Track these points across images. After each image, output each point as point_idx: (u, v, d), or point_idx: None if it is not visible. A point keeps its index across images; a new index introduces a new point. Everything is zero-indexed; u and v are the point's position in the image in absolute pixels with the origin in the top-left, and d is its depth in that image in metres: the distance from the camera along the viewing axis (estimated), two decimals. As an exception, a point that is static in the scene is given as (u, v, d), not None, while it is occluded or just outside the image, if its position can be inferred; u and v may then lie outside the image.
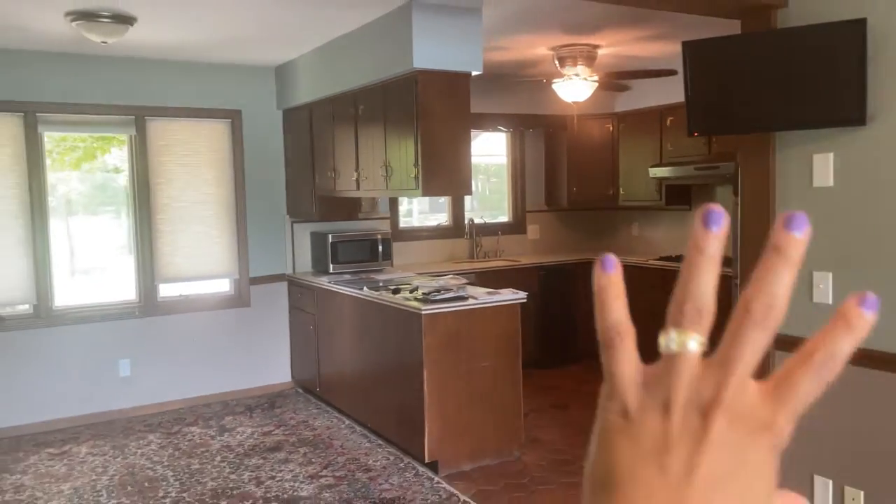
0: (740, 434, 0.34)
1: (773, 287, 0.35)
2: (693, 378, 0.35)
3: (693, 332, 0.36)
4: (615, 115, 6.76)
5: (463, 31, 4.00)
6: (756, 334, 0.34)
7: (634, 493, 0.33)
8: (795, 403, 0.34)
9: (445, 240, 6.57)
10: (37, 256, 5.00)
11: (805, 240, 0.35)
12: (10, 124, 4.89)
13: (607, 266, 0.41)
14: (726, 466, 0.33)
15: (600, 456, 0.36)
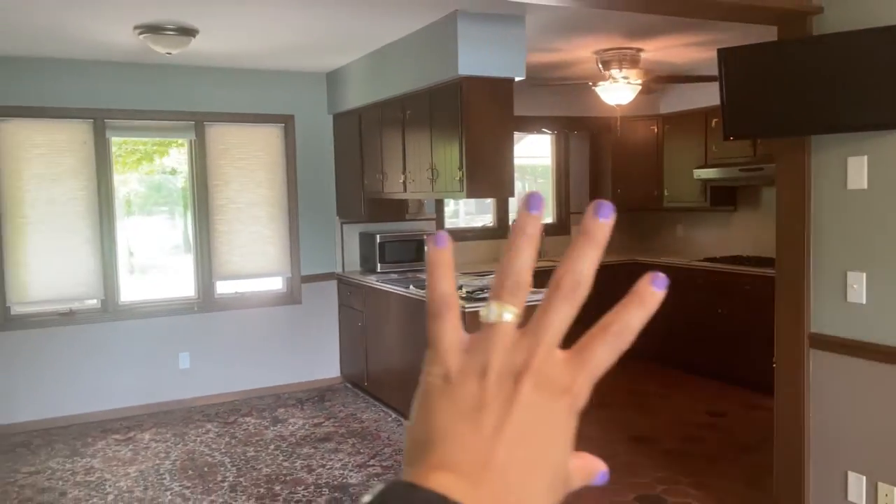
0: (544, 396, 0.38)
1: (580, 265, 0.40)
2: (508, 346, 0.38)
3: (510, 304, 0.40)
4: (660, 116, 6.79)
5: (507, 38, 4.13)
6: (564, 307, 0.39)
7: (450, 447, 0.36)
8: (592, 369, 0.39)
9: (490, 241, 6.71)
10: (104, 255, 5.32)
11: (610, 224, 0.39)
12: (81, 130, 5.23)
13: (440, 242, 0.42)
14: (530, 424, 0.37)
15: (421, 416, 0.39)
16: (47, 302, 5.22)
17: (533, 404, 0.38)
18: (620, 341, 0.40)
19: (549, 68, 5.58)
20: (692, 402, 5.48)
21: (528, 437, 0.37)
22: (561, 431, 0.39)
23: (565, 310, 0.39)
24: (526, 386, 0.38)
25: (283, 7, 3.94)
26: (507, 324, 0.39)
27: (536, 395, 0.38)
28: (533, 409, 0.37)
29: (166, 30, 4.22)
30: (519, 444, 0.37)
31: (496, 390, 0.38)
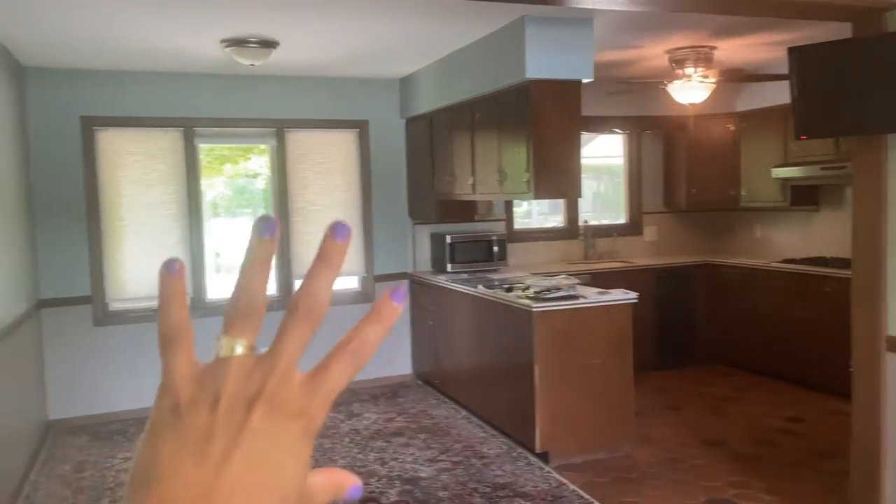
0: (277, 421, 0.37)
1: (315, 288, 0.40)
2: (241, 375, 0.38)
3: (240, 337, 0.40)
4: (736, 114, 6.63)
5: (574, 40, 4.17)
6: (300, 330, 0.39)
7: (170, 484, 0.35)
8: (328, 390, 0.39)
9: (560, 241, 6.72)
10: (192, 254, 5.66)
11: (346, 245, 0.40)
12: (172, 138, 5.58)
13: (172, 272, 0.42)
14: (261, 451, 0.36)
15: (145, 452, 0.37)
16: (142, 299, 5.59)
17: (264, 430, 0.37)
18: (358, 358, 0.40)
19: (620, 67, 5.56)
20: (769, 406, 5.35)
21: (256, 464, 0.36)
22: (294, 454, 0.38)
23: (301, 333, 0.40)
24: (257, 412, 0.37)
25: (358, 18, 4.11)
26: (238, 356, 0.39)
27: (268, 420, 0.37)
28: (263, 434, 0.37)
29: (250, 43, 4.47)
30: (246, 472, 0.36)
31: (226, 419, 0.37)
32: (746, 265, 6.31)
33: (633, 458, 4.39)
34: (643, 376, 5.87)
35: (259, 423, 0.37)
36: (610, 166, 7.40)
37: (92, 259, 5.37)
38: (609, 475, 4.15)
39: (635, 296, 4.47)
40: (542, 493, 3.91)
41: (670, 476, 4.12)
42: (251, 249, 0.41)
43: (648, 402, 5.42)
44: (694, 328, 6.54)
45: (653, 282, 6.34)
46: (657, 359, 6.31)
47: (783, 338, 5.84)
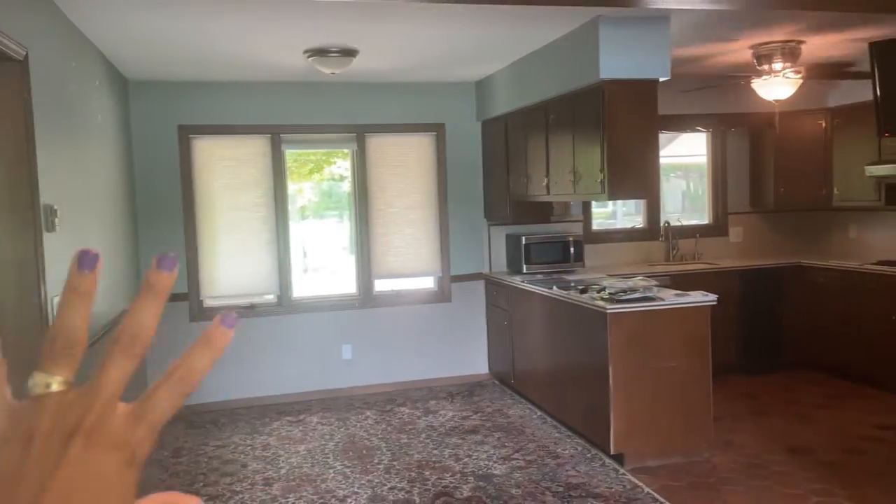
0: (97, 453, 0.36)
1: (140, 318, 0.39)
2: (59, 410, 0.37)
3: (56, 373, 0.38)
4: (828, 110, 6.36)
5: (650, 39, 4.14)
6: (122, 361, 0.38)
7: None
8: (153, 419, 0.38)
9: (640, 242, 6.63)
10: (280, 255, 5.94)
11: (171, 276, 0.40)
12: (260, 144, 5.88)
13: (84, 264, 0.40)
14: (79, 484, 0.35)
15: None
16: (233, 296, 5.92)
17: (81, 463, 0.36)
18: (184, 385, 0.40)
19: (702, 63, 5.44)
20: (859, 413, 5.11)
21: (73, 496, 0.35)
22: (115, 486, 0.37)
23: (124, 364, 0.39)
24: (75, 447, 0.36)
25: (433, 25, 4.23)
26: (55, 392, 0.38)
27: (87, 453, 0.36)
28: (81, 468, 0.36)
29: (331, 52, 4.67)
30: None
31: (41, 454, 0.36)
32: (839, 267, 6.04)
33: (712, 462, 4.30)
34: (727, 381, 5.73)
35: (76, 457, 0.36)
36: (690, 165, 7.24)
37: (188, 259, 5.73)
38: (685, 479, 4.09)
39: (714, 298, 4.38)
40: (615, 495, 3.90)
41: (750, 482, 4.02)
42: (70, 283, 0.39)
43: (732, 407, 5.29)
44: (782, 332, 6.31)
45: (738, 284, 6.17)
46: (743, 363, 6.13)
47: (877, 343, 5.56)
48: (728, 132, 6.81)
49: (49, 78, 3.29)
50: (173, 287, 0.41)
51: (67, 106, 3.67)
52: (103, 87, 4.63)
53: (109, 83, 4.83)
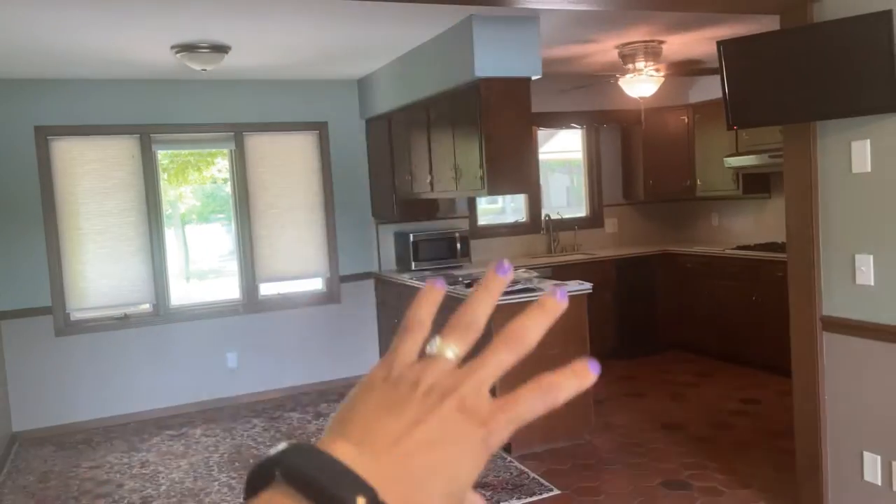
0: (462, 420, 0.41)
1: (531, 325, 0.45)
2: (444, 372, 0.43)
3: (454, 343, 0.45)
4: (690, 106, 6.79)
5: (521, 38, 4.26)
6: (504, 353, 0.44)
7: (364, 427, 0.40)
8: (515, 414, 0.42)
9: (523, 236, 6.82)
10: (154, 262, 5.65)
11: (507, 279, 0.47)
12: (128, 145, 5.56)
13: (436, 283, 0.49)
14: (442, 435, 0.40)
15: (352, 401, 0.43)
16: (104, 308, 5.57)
17: (450, 420, 0.41)
18: (550, 398, 0.43)
19: (572, 62, 5.66)
20: (725, 389, 5.50)
21: (437, 445, 0.40)
22: (469, 455, 0.41)
23: (504, 356, 0.44)
24: (448, 404, 0.41)
25: (307, 21, 4.15)
26: (446, 357, 0.44)
27: (455, 414, 0.41)
28: (448, 424, 0.40)
29: (200, 48, 4.49)
30: (428, 447, 0.40)
31: (422, 399, 0.41)
32: (703, 253, 6.46)
33: (593, 445, 4.49)
34: (605, 365, 5.85)
35: (447, 413, 0.41)
36: (569, 161, 7.52)
37: (51, 269, 5.34)
38: (569, 462, 4.24)
39: (590, 286, 4.57)
40: (503, 483, 3.99)
41: (628, 460, 4.23)
42: (487, 282, 0.47)
43: (610, 390, 5.54)
44: (655, 316, 6.68)
45: (613, 272, 6.47)
46: (619, 348, 6.43)
47: (740, 322, 6.00)
48: (601, 128, 7.13)
49: None
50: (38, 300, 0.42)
51: None
52: (-57, 84, 4.22)
53: (-50, 80, 4.41)
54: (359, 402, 0.42)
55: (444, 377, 0.42)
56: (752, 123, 3.79)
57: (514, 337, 0.45)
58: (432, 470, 0.40)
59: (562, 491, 3.86)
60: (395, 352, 0.45)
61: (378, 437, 0.40)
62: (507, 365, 0.44)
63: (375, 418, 0.41)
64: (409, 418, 0.40)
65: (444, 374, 0.43)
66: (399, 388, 0.42)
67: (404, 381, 0.42)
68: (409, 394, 0.42)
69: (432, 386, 0.42)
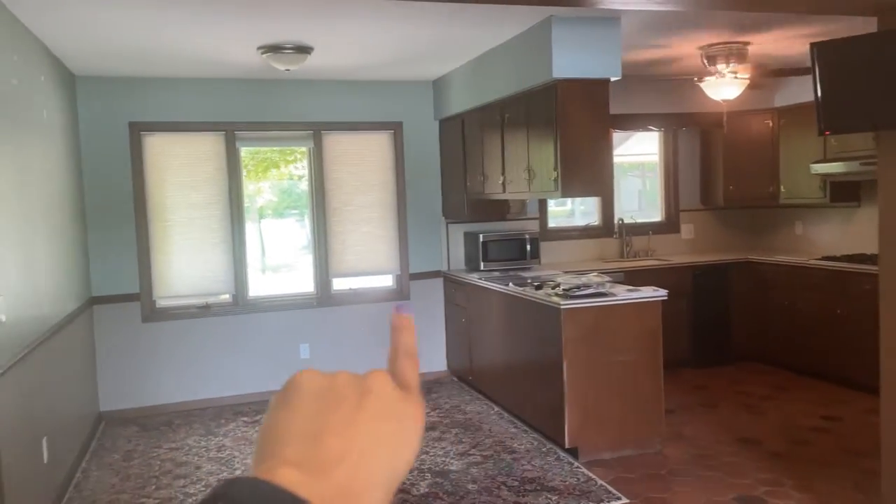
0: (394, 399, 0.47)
1: (406, 340, 0.51)
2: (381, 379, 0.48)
3: None
4: (775, 110, 6.55)
5: (601, 39, 4.21)
6: (410, 363, 0.50)
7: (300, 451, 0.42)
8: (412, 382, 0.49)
9: (595, 239, 6.73)
10: (235, 254, 5.86)
11: (411, 317, 0.52)
12: (214, 142, 5.79)
13: (403, 311, 0.53)
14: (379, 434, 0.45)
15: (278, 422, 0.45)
16: (187, 296, 5.82)
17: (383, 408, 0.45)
18: (416, 359, 0.51)
19: (652, 65, 5.56)
20: (804, 404, 5.28)
21: (380, 421, 0.45)
22: (413, 426, 0.47)
23: (412, 365, 0.51)
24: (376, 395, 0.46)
25: (388, 23, 4.22)
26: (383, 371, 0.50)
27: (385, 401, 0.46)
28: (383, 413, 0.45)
29: (285, 49, 4.63)
30: (372, 448, 0.43)
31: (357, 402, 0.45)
32: (785, 262, 6.22)
33: (664, 455, 4.40)
34: (678, 374, 5.86)
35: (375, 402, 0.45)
36: (654, 164, 7.36)
37: (140, 258, 5.62)
38: (638, 471, 4.17)
39: (665, 293, 4.48)
40: (569, 488, 3.96)
41: (700, 473, 4.12)
42: (393, 323, 0.52)
43: (683, 399, 5.41)
44: (731, 326, 6.47)
45: (689, 280, 6.31)
46: (693, 357, 6.27)
47: (822, 335, 5.75)
48: (679, 131, 6.96)
49: (-11, 72, 3.19)
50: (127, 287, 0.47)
51: (8, 102, 3.57)
52: (49, 82, 4.51)
53: (55, 79, 4.70)
54: (289, 422, 0.44)
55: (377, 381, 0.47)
56: (845, 129, 3.63)
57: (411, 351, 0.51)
58: (378, 471, 0.43)
59: (630, 500, 3.80)
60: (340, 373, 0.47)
61: (320, 455, 0.41)
62: (417, 370, 0.51)
63: (313, 437, 0.42)
64: (350, 405, 0.44)
65: (380, 380, 0.47)
66: (337, 400, 0.45)
67: (344, 389, 0.45)
68: (349, 392, 0.45)
69: (367, 388, 0.46)
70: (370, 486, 0.42)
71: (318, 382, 0.46)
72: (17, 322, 3.37)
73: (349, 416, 0.44)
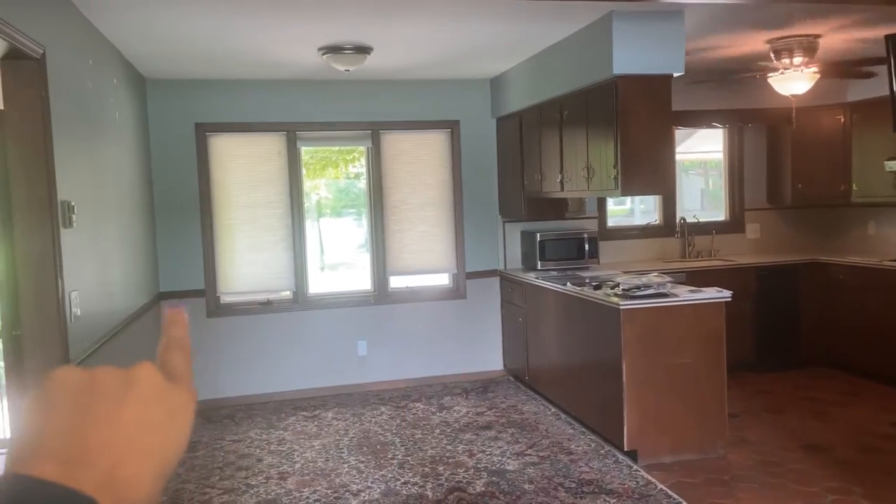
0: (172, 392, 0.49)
1: (176, 332, 0.53)
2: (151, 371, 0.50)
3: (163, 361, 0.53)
4: (847, 104, 6.29)
5: (664, 34, 4.12)
6: (180, 354, 0.52)
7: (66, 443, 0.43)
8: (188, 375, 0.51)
9: (655, 239, 6.60)
10: (296, 252, 5.98)
11: (182, 311, 0.55)
12: (276, 142, 5.93)
13: (180, 308, 0.56)
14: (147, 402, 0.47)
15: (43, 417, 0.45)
16: (249, 293, 5.97)
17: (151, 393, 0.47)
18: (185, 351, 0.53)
19: (717, 60, 5.41)
20: (875, 411, 5.06)
21: (145, 411, 0.46)
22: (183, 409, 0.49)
23: (183, 356, 0.53)
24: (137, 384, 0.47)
25: (447, 21, 4.23)
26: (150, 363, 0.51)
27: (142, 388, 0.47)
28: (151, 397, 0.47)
29: (345, 49, 4.70)
30: (140, 434, 0.45)
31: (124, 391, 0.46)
32: (857, 264, 5.97)
33: (726, 459, 4.28)
34: (742, 378, 5.70)
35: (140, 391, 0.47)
36: (718, 161, 7.18)
37: (205, 255, 5.79)
38: (699, 476, 4.07)
39: (729, 294, 4.36)
40: (628, 491, 3.90)
41: (765, 480, 3.99)
42: (165, 317, 0.55)
43: (747, 404, 5.26)
44: (799, 329, 6.25)
45: (754, 281, 6.12)
46: (758, 361, 6.09)
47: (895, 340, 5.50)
48: (745, 128, 6.76)
49: (66, 76, 3.34)
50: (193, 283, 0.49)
51: (85, 104, 3.73)
52: (121, 85, 4.69)
53: (127, 81, 4.89)
54: (48, 421, 0.44)
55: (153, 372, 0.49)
56: (923, 123, 3.45)
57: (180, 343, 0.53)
58: (147, 458, 0.45)
59: (690, 505, 3.72)
60: (98, 368, 0.48)
61: (83, 450, 0.42)
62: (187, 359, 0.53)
63: (74, 433, 0.43)
64: (110, 404, 0.45)
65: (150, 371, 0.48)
66: (99, 395, 0.45)
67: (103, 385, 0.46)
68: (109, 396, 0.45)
69: (132, 380, 0.47)
70: (140, 473, 0.44)
71: (76, 378, 0.46)
72: (91, 316, 3.52)
73: (112, 410, 0.45)
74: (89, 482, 0.41)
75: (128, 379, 0.47)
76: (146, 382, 0.47)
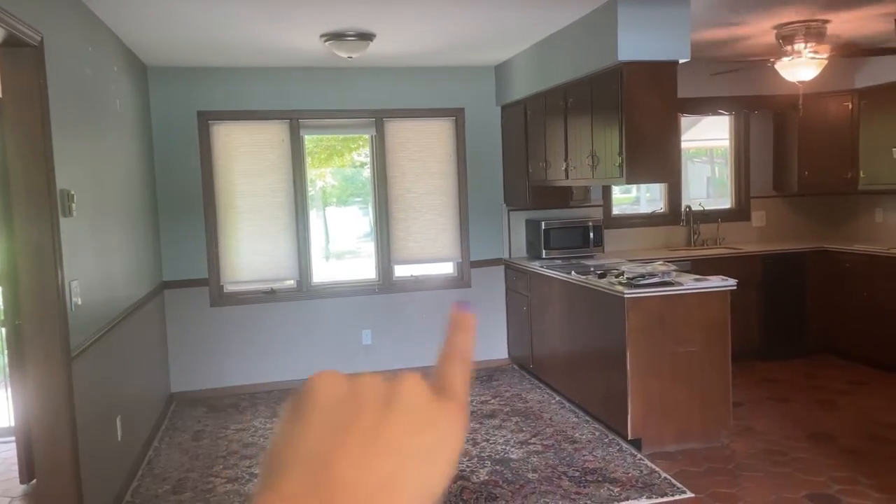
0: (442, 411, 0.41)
1: (463, 341, 0.44)
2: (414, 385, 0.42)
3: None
4: (855, 91, 6.21)
5: (669, 20, 4.07)
6: (462, 367, 0.43)
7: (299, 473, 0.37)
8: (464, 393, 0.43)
9: (661, 227, 6.56)
10: (299, 241, 5.96)
11: (475, 316, 0.45)
12: (279, 130, 5.89)
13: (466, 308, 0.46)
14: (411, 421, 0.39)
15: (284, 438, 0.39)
16: (253, 282, 5.96)
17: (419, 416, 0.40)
18: (469, 364, 0.44)
19: (724, 45, 5.34)
20: (883, 400, 5.03)
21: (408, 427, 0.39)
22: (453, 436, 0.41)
23: (466, 368, 0.45)
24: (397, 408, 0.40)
25: (451, 7, 4.18)
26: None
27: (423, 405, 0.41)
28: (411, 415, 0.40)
29: (348, 36, 4.65)
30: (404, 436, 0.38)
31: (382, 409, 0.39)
32: (864, 251, 5.92)
33: (731, 448, 4.26)
34: (748, 366, 5.67)
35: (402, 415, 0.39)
36: (724, 149, 7.12)
37: (208, 244, 5.78)
38: (704, 465, 4.05)
39: (734, 282, 4.32)
40: (632, 480, 3.89)
41: (770, 469, 3.98)
42: (453, 320, 0.46)
43: (752, 393, 5.23)
44: (805, 318, 6.21)
45: (760, 269, 6.08)
46: (764, 349, 6.06)
47: (904, 329, 5.45)
48: (751, 115, 6.69)
49: (65, 64, 3.32)
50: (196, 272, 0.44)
51: (84, 92, 3.70)
52: (122, 73, 4.66)
53: (128, 69, 4.86)
54: (297, 440, 0.38)
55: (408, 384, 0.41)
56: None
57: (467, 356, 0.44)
58: (406, 496, 0.37)
59: (696, 494, 3.70)
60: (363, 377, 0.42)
61: (326, 488, 0.35)
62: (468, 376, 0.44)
63: (322, 462, 0.37)
64: (363, 443, 0.37)
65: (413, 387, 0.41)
66: (357, 413, 0.39)
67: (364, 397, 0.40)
68: (368, 415, 0.39)
69: (395, 397, 0.40)
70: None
71: (336, 389, 0.40)
72: (92, 305, 3.51)
73: (369, 435, 0.37)
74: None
75: (390, 393, 0.40)
76: (411, 400, 0.40)
